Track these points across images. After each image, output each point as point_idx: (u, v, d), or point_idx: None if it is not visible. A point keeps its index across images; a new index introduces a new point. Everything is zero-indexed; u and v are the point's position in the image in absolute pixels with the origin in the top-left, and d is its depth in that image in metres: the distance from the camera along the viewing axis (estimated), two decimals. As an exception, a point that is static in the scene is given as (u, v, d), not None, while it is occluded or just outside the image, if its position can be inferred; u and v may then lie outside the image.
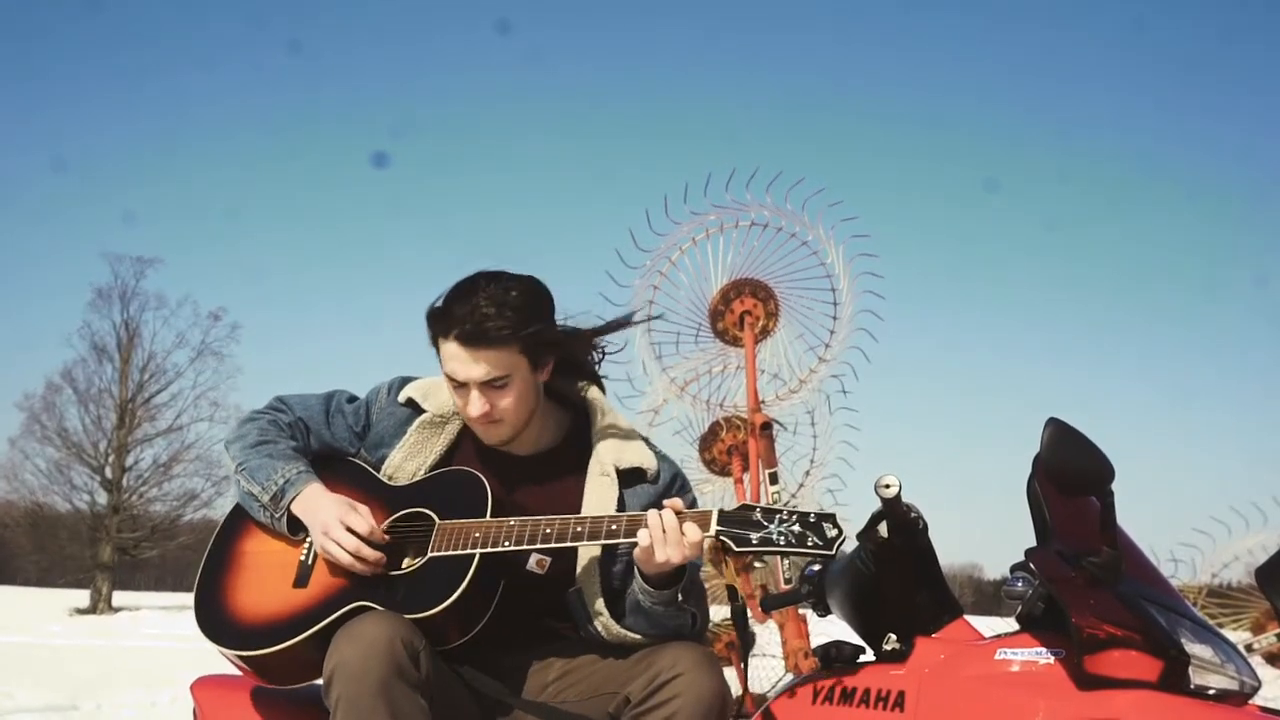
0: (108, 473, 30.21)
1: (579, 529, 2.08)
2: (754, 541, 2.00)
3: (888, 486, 2.06)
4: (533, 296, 2.18)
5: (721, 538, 2.01)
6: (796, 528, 1.99)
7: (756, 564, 2.13)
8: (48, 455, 30.26)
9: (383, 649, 1.93)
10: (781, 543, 1.99)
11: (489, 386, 2.15)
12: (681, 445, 4.26)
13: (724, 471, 4.20)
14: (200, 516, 31.08)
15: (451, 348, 2.14)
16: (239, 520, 2.28)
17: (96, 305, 30.69)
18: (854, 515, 3.91)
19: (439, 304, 2.18)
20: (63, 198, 48.85)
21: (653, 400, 4.25)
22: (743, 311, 4.10)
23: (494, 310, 2.12)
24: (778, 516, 2.00)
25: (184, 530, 31.29)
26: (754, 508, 2.03)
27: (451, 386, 2.18)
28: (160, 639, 16.33)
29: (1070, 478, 1.93)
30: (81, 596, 29.10)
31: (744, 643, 2.21)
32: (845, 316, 4.13)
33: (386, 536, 2.16)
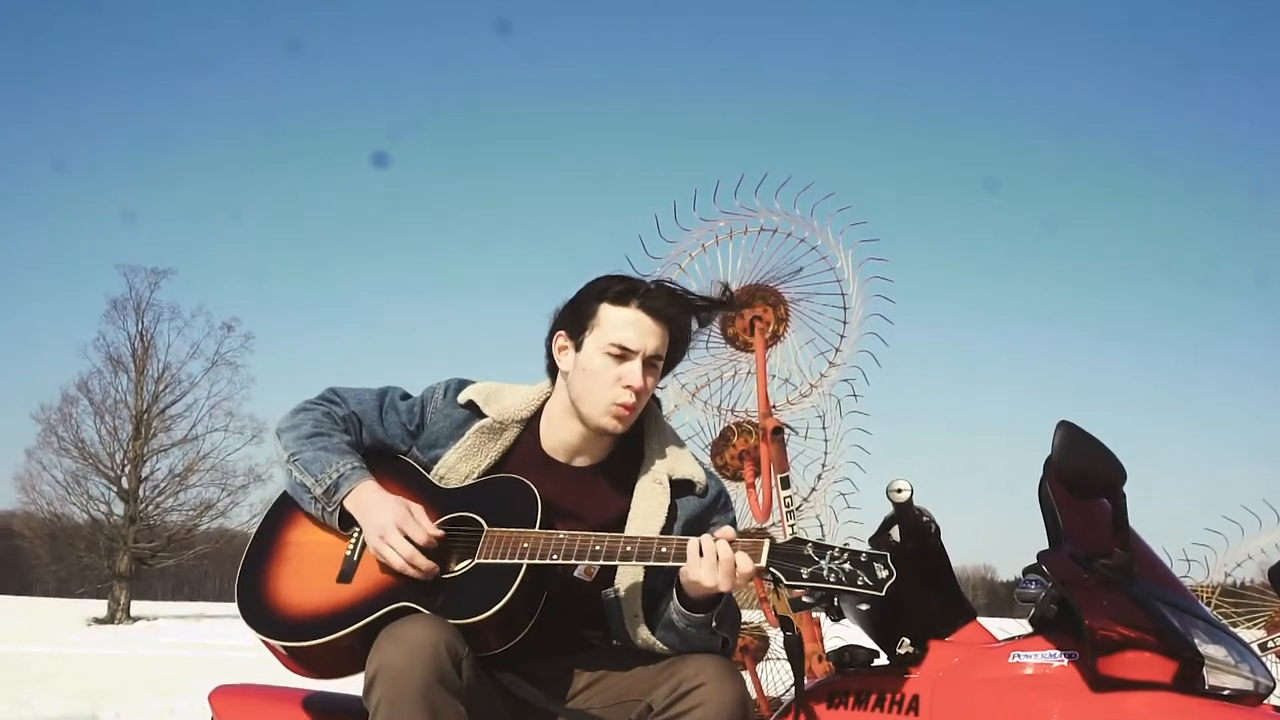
0: (124, 483, 30.34)
1: (629, 548, 2.07)
2: (804, 576, 1.99)
3: (899, 491, 2.06)
4: None
5: (771, 570, 2.00)
6: (847, 566, 1.97)
7: (805, 599, 2.13)
8: (64, 466, 30.43)
9: (427, 653, 1.93)
10: (831, 580, 1.97)
11: (648, 364, 2.21)
12: (693, 451, 4.25)
13: (735, 476, 4.19)
14: (216, 526, 31.24)
15: (633, 313, 2.21)
16: (286, 509, 2.27)
17: (111, 317, 30.88)
18: (866, 519, 3.91)
19: (607, 279, 2.26)
20: (67, 205, 49.06)
21: (664, 407, 4.25)
22: (753, 317, 4.10)
23: (673, 290, 2.26)
24: (829, 553, 1.99)
25: (200, 540, 31.41)
26: (806, 542, 2.02)
27: (610, 358, 2.19)
28: (178, 648, 16.40)
29: (1082, 480, 1.93)
30: (99, 606, 29.21)
31: (797, 672, 2.20)
32: (855, 321, 4.12)
33: (441, 536, 2.14)
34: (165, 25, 52.91)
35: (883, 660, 2.16)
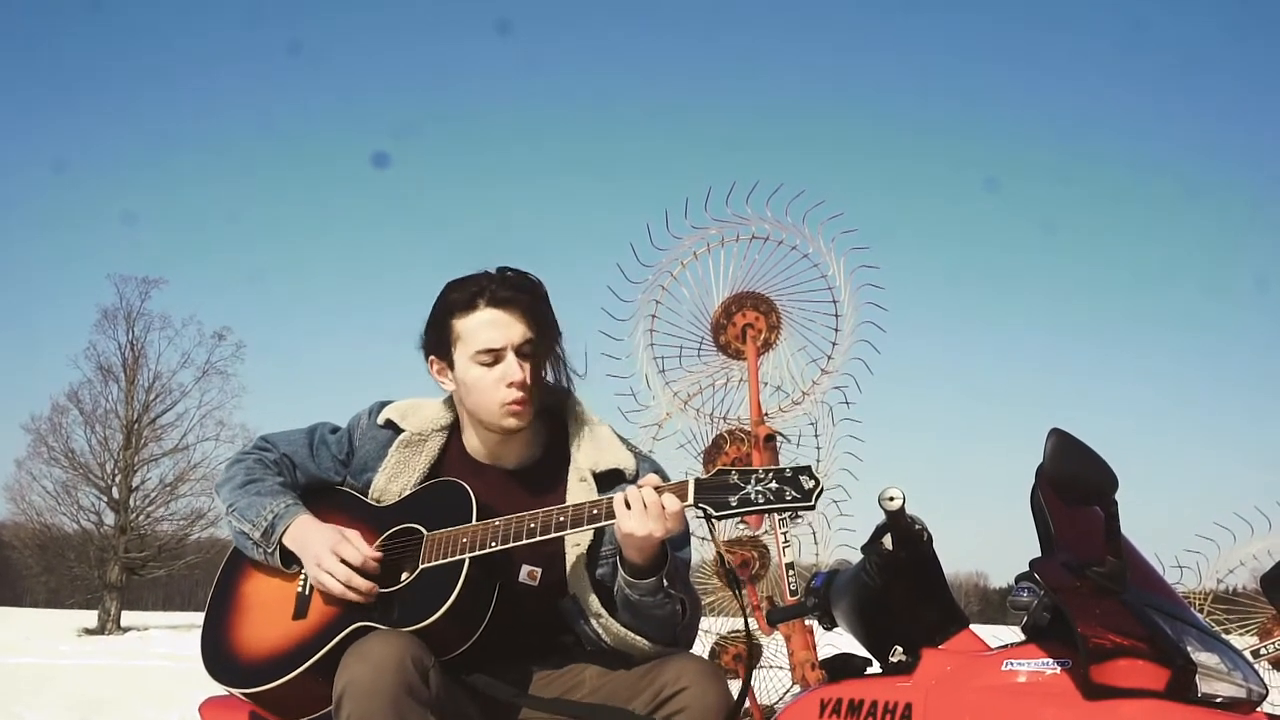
0: (114, 493, 30.25)
1: (562, 518, 2.09)
2: (733, 504, 2.00)
3: (892, 499, 2.06)
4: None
5: (700, 504, 2.02)
6: (774, 484, 1.99)
7: (740, 525, 2.14)
8: (55, 476, 30.35)
9: (393, 667, 1.94)
10: (760, 501, 1.99)
11: (521, 353, 2.20)
12: (686, 458, 4.26)
13: (729, 485, 4.19)
14: (207, 535, 31.13)
15: (483, 315, 2.20)
16: (237, 563, 2.31)
17: (102, 326, 30.84)
18: (858, 527, 3.92)
19: (449, 290, 2.23)
20: (63, 211, 48.95)
21: (656, 414, 4.25)
22: (745, 325, 4.11)
23: (515, 275, 2.23)
24: (754, 476, 2.00)
25: (191, 549, 31.34)
26: (729, 471, 2.03)
27: (483, 365, 2.19)
28: (169, 659, 16.31)
29: (1073, 488, 1.94)
30: (90, 617, 29.10)
31: (734, 583, 2.21)
32: (847, 328, 4.14)
33: (379, 558, 2.16)
34: (165, 27, 52.95)
35: (875, 668, 2.16)
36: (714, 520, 2.03)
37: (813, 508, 2.00)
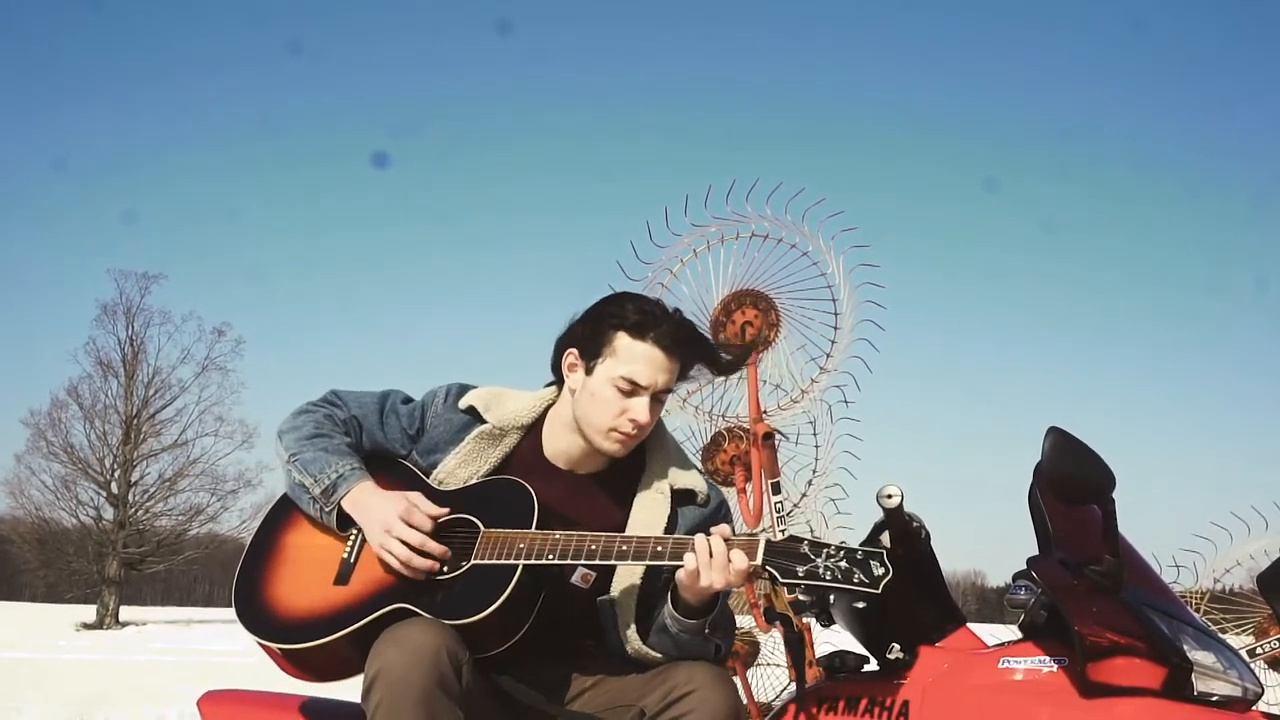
0: (113, 488, 30.25)
1: (624, 547, 2.06)
2: (800, 574, 1.98)
3: (890, 497, 2.06)
4: None
5: (768, 568, 1.99)
6: (843, 564, 1.97)
7: (802, 597, 2.13)
8: (54, 471, 30.35)
9: (428, 658, 1.93)
10: (827, 578, 1.97)
11: (655, 397, 2.19)
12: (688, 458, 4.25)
13: (726, 482, 4.19)
14: (206, 531, 31.19)
15: (647, 349, 2.17)
16: (284, 511, 2.26)
17: (102, 321, 30.84)
18: (856, 524, 3.92)
19: (626, 302, 2.22)
20: (63, 208, 48.93)
21: (655, 412, 4.25)
22: (744, 322, 4.10)
23: (690, 329, 2.23)
24: (825, 551, 1.98)
25: (190, 545, 31.37)
26: (801, 540, 2.01)
27: (618, 390, 2.17)
28: (167, 653, 16.33)
29: (1071, 487, 1.94)
30: (88, 611, 29.11)
31: (799, 671, 2.21)
32: (846, 326, 4.12)
33: (439, 516, 2.14)
34: (165, 27, 52.92)
35: (873, 666, 2.17)
36: (777, 585, 2.02)
37: (879, 594, 1.97)
